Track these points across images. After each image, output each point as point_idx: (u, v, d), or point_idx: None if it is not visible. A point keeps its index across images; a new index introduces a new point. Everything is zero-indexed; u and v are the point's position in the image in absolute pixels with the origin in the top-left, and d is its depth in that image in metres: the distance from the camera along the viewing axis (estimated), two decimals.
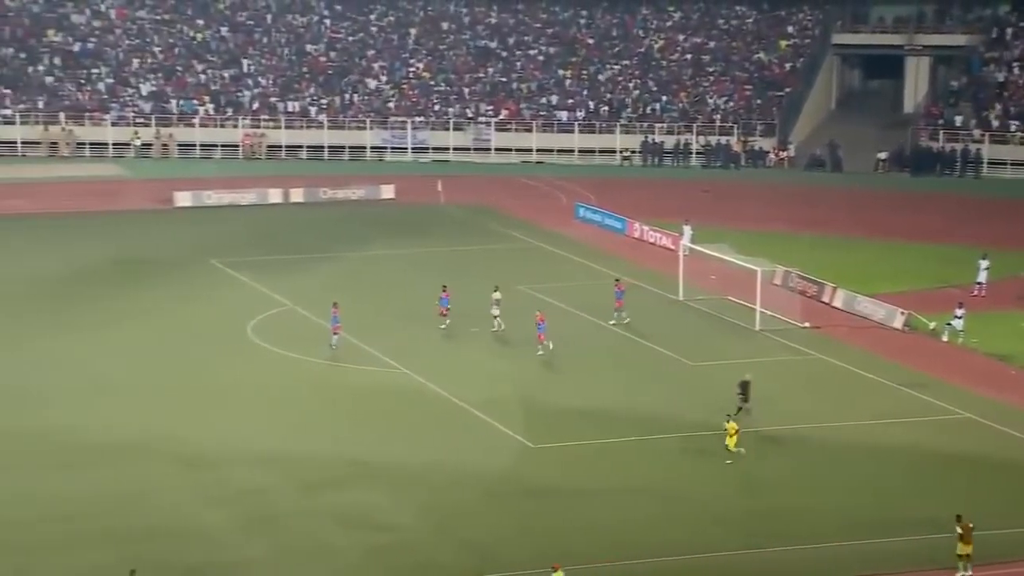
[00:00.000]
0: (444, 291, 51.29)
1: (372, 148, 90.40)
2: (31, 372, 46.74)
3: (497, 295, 51.00)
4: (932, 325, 52.77)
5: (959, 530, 32.22)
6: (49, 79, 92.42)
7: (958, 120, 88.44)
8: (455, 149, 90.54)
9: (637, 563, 33.13)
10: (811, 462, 39.99)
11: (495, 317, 50.81)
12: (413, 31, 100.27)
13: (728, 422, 39.51)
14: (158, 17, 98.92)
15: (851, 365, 48.69)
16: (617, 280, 53.58)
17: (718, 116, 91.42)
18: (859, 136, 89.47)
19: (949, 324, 51.86)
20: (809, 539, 34.66)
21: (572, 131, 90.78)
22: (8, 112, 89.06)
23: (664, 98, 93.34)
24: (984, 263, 57.89)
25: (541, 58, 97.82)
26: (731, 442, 39.16)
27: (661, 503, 36.90)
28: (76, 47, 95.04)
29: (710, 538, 34.81)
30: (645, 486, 37.95)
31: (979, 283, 57.78)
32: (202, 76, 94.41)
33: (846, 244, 67.40)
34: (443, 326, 50.96)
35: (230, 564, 33.15)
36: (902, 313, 53.61)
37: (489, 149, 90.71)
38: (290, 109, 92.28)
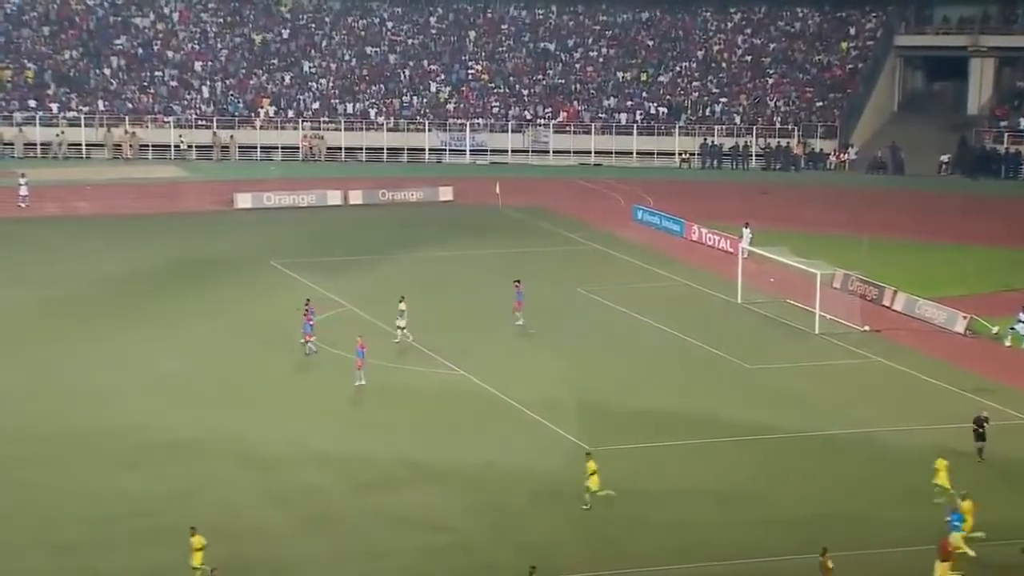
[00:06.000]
0: (307, 313, 48.62)
1: (431, 150, 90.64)
2: (95, 371, 47.29)
3: (402, 306, 49.52)
4: (995, 329, 52.18)
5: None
6: (113, 82, 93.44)
7: (1023, 123, 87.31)
8: (513, 151, 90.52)
9: (695, 566, 32.98)
10: (873, 466, 39.61)
11: (399, 328, 48.92)
12: (472, 33, 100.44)
13: (589, 459, 35.81)
14: (220, 20, 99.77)
15: (911, 369, 48.22)
16: (517, 282, 52.31)
17: (778, 118, 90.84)
18: (921, 138, 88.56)
19: (1012, 328, 51.27)
20: (872, 544, 34.35)
21: (631, 133, 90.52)
22: (73, 115, 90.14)
23: (723, 100, 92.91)
24: None
25: (600, 60, 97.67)
26: (593, 482, 35.55)
27: (719, 506, 36.71)
28: (139, 50, 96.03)
29: (770, 542, 34.58)
30: (703, 489, 37.77)
31: None
32: (263, 78, 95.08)
33: (907, 247, 66.70)
34: (307, 353, 48.17)
35: (286, 563, 33.35)
36: (964, 317, 53.02)
37: (547, 151, 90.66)
38: (350, 111, 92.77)
